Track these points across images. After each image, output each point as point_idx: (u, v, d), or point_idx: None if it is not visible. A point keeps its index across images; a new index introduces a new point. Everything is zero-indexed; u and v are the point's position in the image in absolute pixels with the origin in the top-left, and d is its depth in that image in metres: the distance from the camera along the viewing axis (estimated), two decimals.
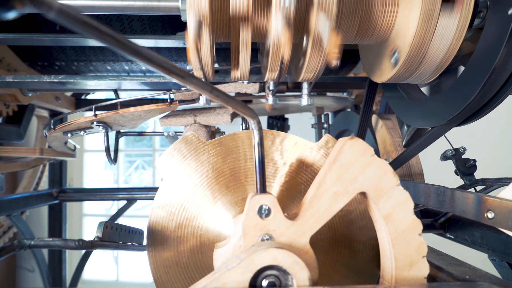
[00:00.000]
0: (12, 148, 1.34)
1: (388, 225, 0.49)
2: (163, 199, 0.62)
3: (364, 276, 0.63)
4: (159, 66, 0.38)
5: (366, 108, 0.99)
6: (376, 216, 0.51)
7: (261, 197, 0.49)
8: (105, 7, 0.63)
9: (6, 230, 1.78)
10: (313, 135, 1.61)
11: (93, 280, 3.67)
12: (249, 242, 0.48)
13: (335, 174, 0.49)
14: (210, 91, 0.43)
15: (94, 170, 3.89)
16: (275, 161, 0.64)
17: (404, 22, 0.61)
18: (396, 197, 0.49)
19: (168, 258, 0.62)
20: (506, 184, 0.80)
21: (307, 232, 0.49)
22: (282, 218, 0.49)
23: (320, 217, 0.49)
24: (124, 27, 1.10)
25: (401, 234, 0.49)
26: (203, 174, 0.62)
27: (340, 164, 0.49)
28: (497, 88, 0.61)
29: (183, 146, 0.63)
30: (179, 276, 0.62)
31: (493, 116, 0.75)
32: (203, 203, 0.62)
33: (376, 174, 0.49)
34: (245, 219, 0.48)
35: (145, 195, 1.72)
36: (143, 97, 0.89)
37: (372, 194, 0.49)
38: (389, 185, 0.49)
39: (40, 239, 0.69)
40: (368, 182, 0.49)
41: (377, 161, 0.49)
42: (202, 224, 0.62)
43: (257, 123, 0.50)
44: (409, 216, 0.49)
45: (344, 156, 0.49)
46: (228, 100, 0.45)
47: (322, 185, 0.49)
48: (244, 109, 0.47)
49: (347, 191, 0.49)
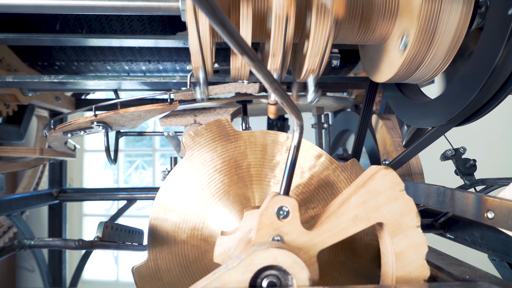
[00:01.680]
0: (12, 148, 1.34)
1: (397, 263, 0.49)
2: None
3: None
4: (237, 44, 0.38)
5: (366, 108, 0.99)
6: (387, 250, 0.51)
7: (284, 198, 0.49)
8: (105, 7, 0.63)
9: (6, 230, 1.78)
10: (313, 135, 1.61)
11: (93, 280, 3.67)
12: (260, 238, 0.48)
13: (361, 198, 0.49)
14: (271, 82, 0.44)
15: (94, 170, 3.88)
16: (300, 168, 0.63)
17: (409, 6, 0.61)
18: (412, 238, 0.49)
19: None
20: (506, 184, 0.80)
21: (317, 245, 0.49)
22: (298, 224, 0.49)
23: (334, 234, 0.49)
24: (124, 27, 1.10)
25: (407, 274, 0.49)
26: (225, 162, 0.62)
27: (368, 190, 0.49)
28: (497, 88, 0.61)
29: (215, 128, 0.63)
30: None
31: (493, 116, 0.75)
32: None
33: (400, 210, 0.49)
34: (262, 214, 0.48)
35: (145, 195, 1.72)
36: (143, 97, 0.89)
37: (391, 228, 0.49)
38: (409, 224, 0.49)
39: (40, 239, 0.69)
40: (390, 216, 0.49)
41: (404, 198, 0.49)
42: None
43: (300, 127, 0.49)
44: (420, 260, 0.49)
45: (374, 183, 0.49)
46: (283, 95, 0.46)
47: (345, 205, 0.49)
48: (294, 110, 0.47)
49: (367, 217, 0.49)
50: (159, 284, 0.62)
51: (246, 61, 0.40)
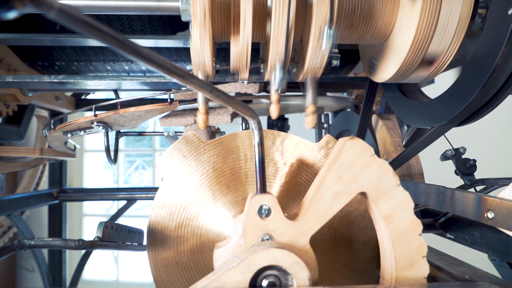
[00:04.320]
0: (12, 148, 1.34)
1: (388, 225, 0.49)
2: (163, 198, 0.62)
3: (364, 276, 0.63)
4: (159, 66, 0.37)
5: (366, 108, 0.99)
6: (376, 216, 0.51)
7: (261, 197, 0.49)
8: (105, 7, 0.63)
9: (6, 230, 1.78)
10: (313, 135, 1.61)
11: (93, 280, 3.67)
12: (249, 242, 0.48)
13: (335, 174, 0.49)
14: (210, 91, 0.43)
15: (94, 170, 3.88)
16: (275, 161, 0.64)
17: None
18: (396, 197, 0.49)
19: (168, 258, 0.62)
20: (506, 184, 0.80)
21: (307, 232, 0.49)
22: (282, 218, 0.49)
23: (320, 217, 0.49)
24: (124, 27, 1.10)
25: (401, 234, 0.49)
26: (204, 174, 0.62)
27: (340, 164, 0.49)
28: (497, 88, 0.61)
29: (183, 145, 0.63)
30: (179, 276, 0.62)
31: (493, 116, 0.75)
32: (203, 203, 0.62)
33: (376, 174, 0.49)
34: (245, 219, 0.48)
35: (145, 195, 1.71)
36: (143, 97, 0.89)
37: (372, 194, 0.49)
38: (389, 185, 0.49)
39: (40, 239, 0.69)
40: (368, 182, 0.49)
41: (377, 161, 0.49)
42: (202, 224, 0.62)
43: (257, 123, 0.50)
44: (409, 216, 0.49)
45: (344, 156, 0.49)
46: (228, 100, 0.45)
47: (322, 185, 0.49)
48: (244, 109, 0.47)
49: (347, 191, 0.49)
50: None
51: (177, 80, 0.40)
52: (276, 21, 0.57)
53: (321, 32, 0.57)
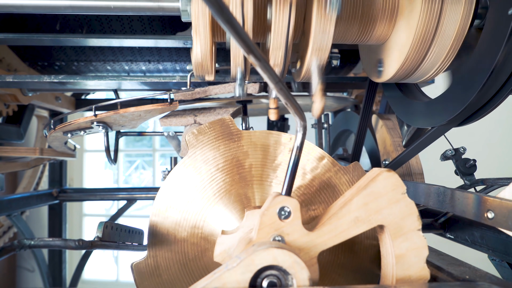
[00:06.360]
0: (12, 148, 1.34)
1: (397, 265, 0.49)
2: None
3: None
4: (243, 42, 0.38)
5: (366, 108, 0.99)
6: (387, 253, 0.51)
7: (285, 198, 0.49)
8: (105, 7, 0.63)
9: (6, 230, 1.78)
10: (313, 135, 1.61)
11: (93, 280, 3.67)
12: (261, 238, 0.48)
13: (362, 200, 0.49)
14: (276, 82, 0.43)
15: (94, 170, 3.88)
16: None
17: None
18: (413, 241, 0.49)
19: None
20: (506, 184, 0.80)
21: (318, 246, 0.49)
22: (300, 225, 0.48)
23: (335, 236, 0.49)
24: (124, 27, 1.10)
25: (407, 277, 0.49)
26: (227, 161, 0.62)
27: (370, 192, 0.49)
28: (497, 88, 0.61)
29: (218, 127, 0.63)
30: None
31: (493, 116, 0.75)
32: (217, 193, 0.62)
33: (401, 213, 0.49)
34: (264, 214, 0.48)
35: (145, 195, 1.72)
36: (143, 97, 0.89)
37: (392, 230, 0.49)
38: (410, 227, 0.49)
39: (40, 239, 0.69)
40: (391, 218, 0.49)
41: (406, 200, 0.49)
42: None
43: (303, 127, 0.49)
44: (420, 262, 0.49)
45: (376, 186, 0.49)
46: (288, 96, 0.45)
47: (346, 207, 0.49)
48: (298, 110, 0.47)
49: (368, 219, 0.49)
50: (158, 281, 0.61)
51: (252, 61, 0.40)
52: (276, 20, 0.57)
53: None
